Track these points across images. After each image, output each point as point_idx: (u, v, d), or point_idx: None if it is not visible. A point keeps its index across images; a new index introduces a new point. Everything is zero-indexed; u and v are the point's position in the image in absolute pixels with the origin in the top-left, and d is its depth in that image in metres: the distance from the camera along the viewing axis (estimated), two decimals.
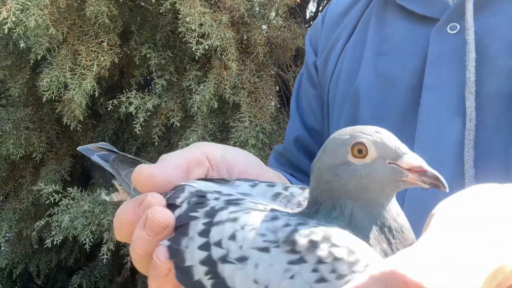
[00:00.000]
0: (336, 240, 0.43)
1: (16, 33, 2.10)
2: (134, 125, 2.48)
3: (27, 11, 2.02)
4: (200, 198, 0.54)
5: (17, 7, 1.96)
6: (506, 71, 0.71)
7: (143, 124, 2.46)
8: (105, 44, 2.35)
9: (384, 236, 0.46)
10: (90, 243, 2.59)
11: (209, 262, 0.47)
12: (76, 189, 2.68)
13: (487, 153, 0.66)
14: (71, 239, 2.76)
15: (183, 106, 2.59)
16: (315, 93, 1.06)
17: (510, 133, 0.68)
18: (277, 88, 2.66)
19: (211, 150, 0.64)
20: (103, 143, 0.69)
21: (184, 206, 0.53)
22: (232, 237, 0.47)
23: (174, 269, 0.50)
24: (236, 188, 0.56)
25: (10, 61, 2.76)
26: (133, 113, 2.44)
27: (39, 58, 2.32)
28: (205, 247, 0.48)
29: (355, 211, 0.47)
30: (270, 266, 0.44)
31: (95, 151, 0.65)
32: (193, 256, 0.49)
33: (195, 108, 2.40)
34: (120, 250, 2.90)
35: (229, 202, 0.52)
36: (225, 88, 2.38)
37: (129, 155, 0.65)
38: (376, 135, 0.45)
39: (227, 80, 2.37)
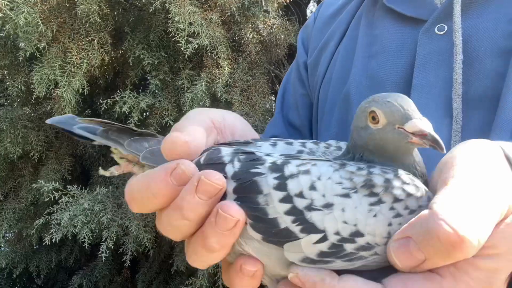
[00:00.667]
0: (404, 178, 0.54)
1: (5, 31, 2.11)
2: (127, 124, 2.49)
3: (17, 9, 2.03)
4: (250, 155, 0.58)
5: (4, 3, 1.97)
6: (493, 73, 0.72)
7: (137, 123, 2.47)
8: (95, 42, 2.36)
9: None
10: (89, 242, 2.59)
11: (295, 212, 0.54)
12: (76, 187, 2.69)
13: None
14: (70, 237, 2.76)
15: (177, 105, 2.60)
16: (303, 93, 1.08)
17: (495, 134, 0.69)
18: (271, 86, 2.66)
19: (214, 116, 0.67)
20: (70, 115, 0.68)
21: (236, 164, 0.58)
22: (312, 188, 0.54)
23: (252, 221, 0.55)
24: (261, 148, 0.63)
25: (8, 60, 2.77)
26: (127, 113, 2.45)
27: (28, 55, 2.32)
28: (287, 199, 0.54)
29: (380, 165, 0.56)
30: (355, 208, 0.53)
31: (72, 124, 0.65)
32: (276, 209, 0.54)
33: (187, 106, 2.40)
34: (119, 249, 2.91)
35: (288, 157, 0.58)
36: (217, 87, 2.38)
37: (115, 123, 0.65)
38: (387, 104, 0.54)
39: (219, 78, 2.37)
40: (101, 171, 0.74)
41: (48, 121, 0.67)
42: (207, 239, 0.56)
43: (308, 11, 3.99)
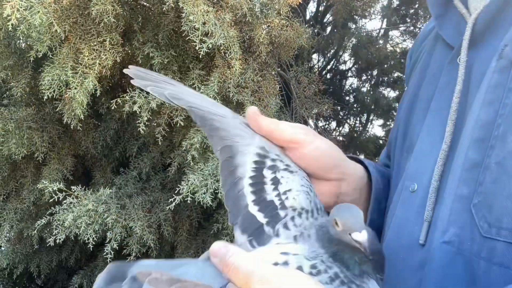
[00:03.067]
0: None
1: (19, 31, 2.09)
2: (136, 125, 2.48)
3: (32, 9, 2.02)
4: None
5: (21, 3, 1.96)
6: (481, 103, 0.80)
7: (146, 123, 2.47)
8: (107, 43, 2.34)
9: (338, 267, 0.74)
10: (93, 243, 2.59)
11: None
12: (80, 188, 2.68)
13: (454, 172, 0.78)
14: (73, 238, 2.76)
15: None
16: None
17: (474, 157, 0.78)
18: (278, 87, 2.67)
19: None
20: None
21: None
22: None
23: None
24: None
25: (12, 61, 2.76)
26: (137, 112, 2.44)
27: (40, 56, 2.31)
28: None
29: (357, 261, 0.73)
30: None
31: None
32: None
33: None
34: (123, 250, 2.90)
35: None
36: (229, 87, 2.38)
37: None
38: (343, 219, 0.73)
39: (231, 79, 2.38)
40: None
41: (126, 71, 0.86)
42: None
43: (308, 12, 4.00)
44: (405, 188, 0.89)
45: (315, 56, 4.10)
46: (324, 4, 3.92)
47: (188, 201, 2.40)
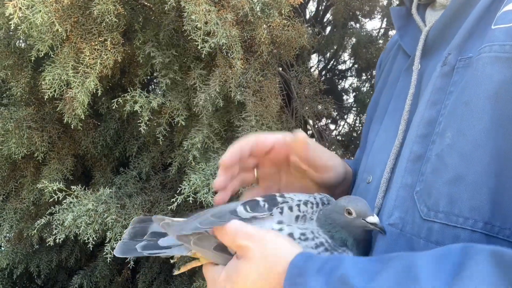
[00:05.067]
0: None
1: (21, 30, 2.09)
2: (138, 124, 2.48)
3: (33, 8, 2.01)
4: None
5: (23, 2, 1.96)
6: (425, 103, 0.91)
7: (146, 123, 2.46)
8: (108, 42, 2.34)
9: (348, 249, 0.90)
10: (93, 243, 2.58)
11: None
12: (80, 188, 2.68)
13: (401, 164, 0.89)
14: (72, 238, 2.75)
15: (187, 105, 2.59)
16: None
17: (417, 150, 0.89)
18: (279, 87, 2.67)
19: None
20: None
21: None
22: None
23: None
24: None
25: (12, 60, 2.75)
26: (138, 112, 2.44)
27: (42, 55, 2.31)
28: None
29: (345, 238, 0.90)
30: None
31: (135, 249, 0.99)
32: None
33: (200, 107, 2.40)
34: None
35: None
36: (230, 87, 2.38)
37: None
38: (358, 205, 0.88)
39: (232, 78, 2.37)
40: (176, 272, 1.03)
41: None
42: None
43: (308, 11, 4.00)
44: (362, 180, 1.04)
45: (314, 56, 4.10)
46: (324, 3, 3.92)
47: (190, 201, 2.40)
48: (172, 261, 1.03)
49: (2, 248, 3.63)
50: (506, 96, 0.79)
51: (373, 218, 0.86)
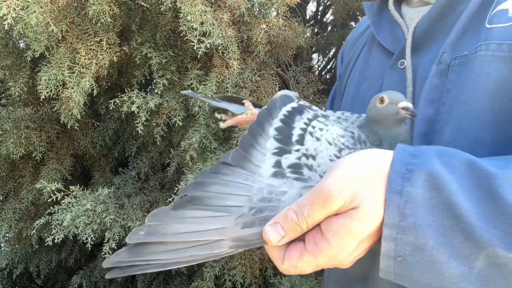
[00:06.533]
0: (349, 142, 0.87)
1: (16, 31, 2.09)
2: (135, 124, 2.47)
3: (28, 9, 2.01)
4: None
5: (17, 3, 1.95)
6: (424, 102, 0.93)
7: (144, 123, 2.46)
8: (104, 43, 2.34)
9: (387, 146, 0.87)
10: (91, 242, 2.58)
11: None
12: (79, 188, 2.68)
13: None
14: (71, 238, 2.75)
15: (185, 106, 2.59)
16: (340, 101, 1.30)
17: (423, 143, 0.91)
18: (277, 87, 2.66)
19: None
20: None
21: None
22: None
23: None
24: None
25: (10, 60, 2.75)
26: (136, 112, 2.44)
27: (37, 56, 2.31)
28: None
29: (379, 130, 0.89)
30: (327, 149, 0.85)
31: (198, 94, 1.11)
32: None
33: (197, 107, 2.39)
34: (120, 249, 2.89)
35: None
36: (227, 87, 2.37)
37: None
38: (390, 94, 0.86)
39: (229, 78, 2.37)
40: (222, 125, 1.07)
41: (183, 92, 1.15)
42: None
43: (308, 11, 3.98)
44: None
45: (314, 56, 4.09)
46: (324, 3, 3.91)
47: None
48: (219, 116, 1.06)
49: (2, 248, 3.64)
50: (504, 94, 0.80)
51: (405, 103, 0.84)
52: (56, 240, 2.63)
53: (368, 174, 0.70)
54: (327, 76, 3.95)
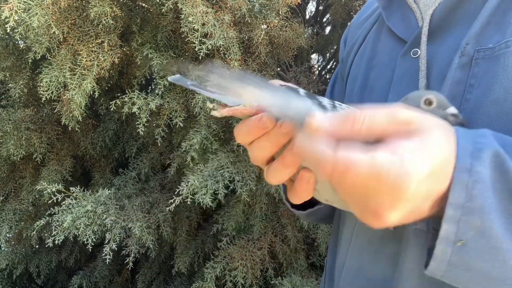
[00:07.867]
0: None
1: (18, 33, 2.09)
2: (136, 125, 2.47)
3: (30, 11, 2.01)
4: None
5: (19, 5, 1.95)
6: (446, 96, 0.84)
7: (145, 124, 2.46)
8: (105, 44, 2.34)
9: None
10: (92, 244, 2.58)
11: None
12: (79, 189, 2.68)
13: None
14: (72, 239, 2.75)
15: (186, 107, 2.59)
16: (342, 85, 1.22)
17: None
18: None
19: None
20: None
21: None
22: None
23: None
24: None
25: (10, 62, 2.75)
26: (136, 113, 2.43)
27: (39, 57, 2.31)
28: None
29: None
30: None
31: (187, 80, 0.85)
32: None
33: (198, 108, 2.39)
34: (122, 250, 2.90)
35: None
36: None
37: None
38: (439, 97, 0.78)
39: None
40: (208, 104, 0.89)
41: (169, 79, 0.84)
42: (285, 159, 0.70)
43: (307, 11, 3.98)
44: None
45: (314, 56, 4.09)
46: (323, 3, 3.91)
47: (188, 202, 2.40)
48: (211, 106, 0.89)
49: (2, 249, 3.64)
50: None
51: (455, 110, 0.77)
52: (56, 241, 2.63)
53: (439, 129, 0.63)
54: (327, 76, 3.95)
